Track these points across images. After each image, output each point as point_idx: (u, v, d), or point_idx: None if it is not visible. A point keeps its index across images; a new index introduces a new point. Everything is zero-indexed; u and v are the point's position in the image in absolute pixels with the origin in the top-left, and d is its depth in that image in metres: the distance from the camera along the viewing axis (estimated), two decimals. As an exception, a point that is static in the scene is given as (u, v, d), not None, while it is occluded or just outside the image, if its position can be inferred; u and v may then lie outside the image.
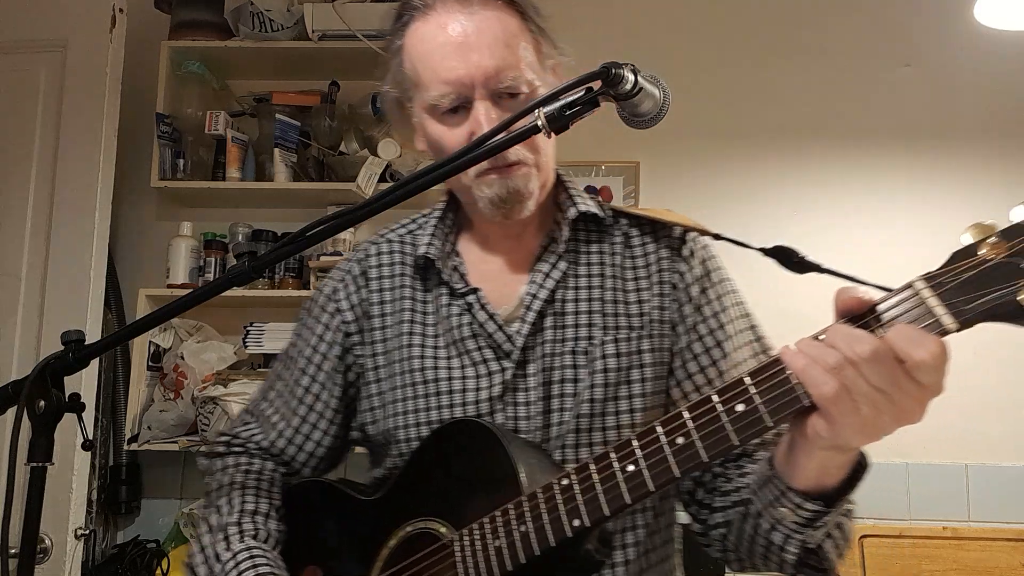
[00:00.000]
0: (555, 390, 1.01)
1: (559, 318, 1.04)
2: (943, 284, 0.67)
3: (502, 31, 0.99)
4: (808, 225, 2.58)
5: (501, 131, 0.83)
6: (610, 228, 1.10)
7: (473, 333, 1.04)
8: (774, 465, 0.83)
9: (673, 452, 0.78)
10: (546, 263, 1.06)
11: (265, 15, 2.51)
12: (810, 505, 0.80)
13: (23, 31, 2.25)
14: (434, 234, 1.09)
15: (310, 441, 1.12)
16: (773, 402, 0.73)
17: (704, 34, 2.71)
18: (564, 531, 0.83)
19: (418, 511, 0.97)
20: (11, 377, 0.93)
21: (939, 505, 2.39)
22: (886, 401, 0.68)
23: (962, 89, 2.61)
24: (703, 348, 1.04)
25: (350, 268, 1.14)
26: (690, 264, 1.07)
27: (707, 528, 1.01)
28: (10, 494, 0.87)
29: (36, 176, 2.19)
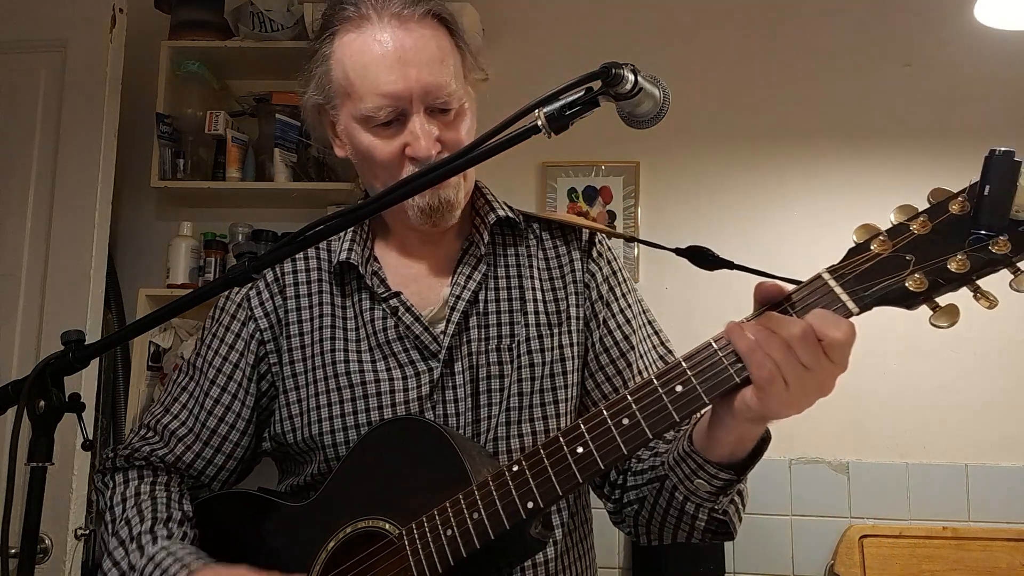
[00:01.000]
0: (483, 386, 1.05)
1: (482, 318, 1.08)
2: (844, 275, 0.78)
3: (437, 48, 1.02)
4: (808, 224, 2.58)
5: (501, 131, 0.83)
6: (524, 232, 1.15)
7: (399, 335, 1.06)
8: (693, 441, 0.91)
9: (619, 432, 0.83)
10: (467, 266, 1.10)
11: (265, 15, 2.51)
12: (724, 475, 0.90)
13: (23, 31, 2.25)
14: (353, 240, 1.10)
15: (220, 454, 1.10)
16: (708, 381, 0.81)
17: (704, 34, 2.71)
18: (519, 513, 0.86)
19: (359, 511, 0.96)
20: (11, 377, 0.93)
21: (939, 505, 2.39)
22: (810, 377, 0.77)
23: (962, 89, 2.60)
24: (613, 341, 1.11)
25: (261, 275, 1.09)
26: (599, 265, 1.14)
27: (620, 506, 1.07)
28: (10, 494, 0.86)
29: (36, 176, 2.19)
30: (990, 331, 2.40)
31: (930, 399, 2.42)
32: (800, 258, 2.44)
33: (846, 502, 2.40)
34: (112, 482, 1.09)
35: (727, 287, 2.20)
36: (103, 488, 1.10)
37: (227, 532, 1.06)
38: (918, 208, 0.78)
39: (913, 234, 0.76)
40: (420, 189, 0.86)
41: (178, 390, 1.13)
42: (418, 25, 1.01)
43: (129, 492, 1.06)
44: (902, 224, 0.77)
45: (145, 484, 1.07)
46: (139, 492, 1.06)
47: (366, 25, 1.01)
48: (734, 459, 0.89)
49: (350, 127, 1.04)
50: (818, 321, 0.76)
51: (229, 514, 1.07)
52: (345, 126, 1.05)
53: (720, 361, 0.80)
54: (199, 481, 1.11)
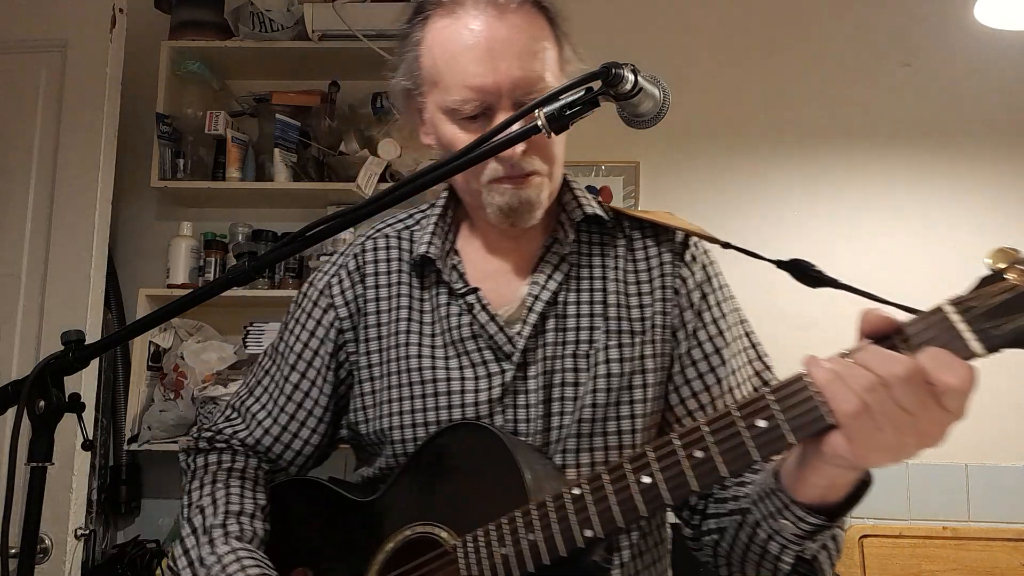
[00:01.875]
0: (555, 393, 1.00)
1: (561, 320, 1.03)
2: (971, 309, 0.67)
3: (532, 39, 0.96)
4: (808, 224, 2.58)
5: (500, 131, 0.83)
6: (613, 231, 1.08)
7: (473, 334, 1.03)
8: (779, 479, 0.82)
9: (692, 466, 0.76)
10: (549, 264, 1.05)
11: (265, 15, 2.51)
12: (812, 519, 0.80)
13: (23, 31, 2.25)
14: (434, 232, 1.07)
15: (298, 439, 1.10)
16: (796, 420, 0.72)
17: (704, 34, 2.71)
18: (575, 541, 0.81)
19: (418, 515, 0.95)
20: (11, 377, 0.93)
21: (939, 505, 2.39)
22: (911, 423, 0.68)
23: (962, 89, 2.60)
24: (702, 355, 1.03)
25: (345, 262, 1.11)
26: (692, 270, 1.06)
27: (699, 533, 1.01)
28: (10, 494, 0.86)
29: (36, 176, 2.19)
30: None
31: (930, 399, 2.42)
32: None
33: (846, 502, 2.40)
34: (194, 463, 1.11)
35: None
36: (185, 469, 1.12)
37: (294, 520, 1.07)
38: None
39: None
40: (411, 193, 0.84)
41: (261, 373, 1.14)
42: (514, 14, 0.95)
43: (208, 477, 1.08)
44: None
45: (223, 469, 1.08)
46: (216, 479, 1.07)
47: (459, 12, 0.96)
48: (825, 502, 0.80)
49: (436, 117, 1.00)
50: (931, 362, 0.66)
51: (298, 502, 1.08)
52: (431, 115, 1.02)
53: (811, 398, 0.71)
54: (277, 464, 1.11)
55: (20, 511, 0.85)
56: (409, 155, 2.46)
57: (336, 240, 2.46)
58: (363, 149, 2.49)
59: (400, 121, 2.49)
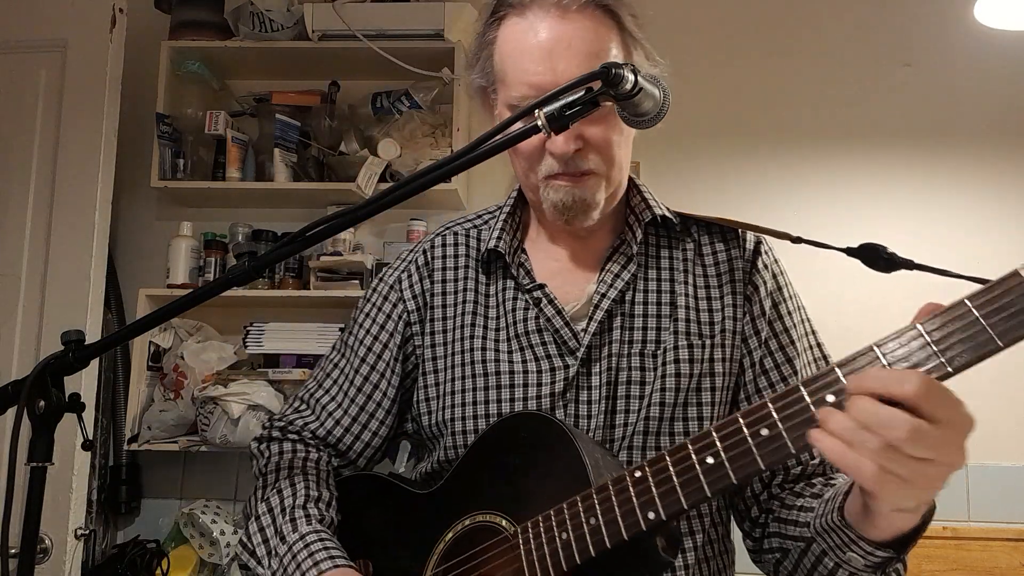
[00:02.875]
0: (621, 391, 1.00)
1: (627, 319, 1.03)
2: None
3: (593, 41, 0.98)
4: (807, 224, 2.57)
5: (501, 131, 0.83)
6: (681, 234, 1.10)
7: (539, 328, 1.04)
8: (845, 516, 0.81)
9: (756, 444, 0.73)
10: (616, 264, 1.06)
11: (265, 15, 2.51)
12: (882, 553, 0.79)
13: (23, 31, 2.25)
14: (503, 228, 1.09)
15: (367, 430, 1.12)
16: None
17: (704, 34, 2.71)
18: (639, 524, 0.79)
19: (477, 505, 0.95)
20: (11, 377, 0.93)
21: (939, 505, 2.37)
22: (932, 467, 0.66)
23: (962, 89, 2.60)
24: (773, 364, 1.04)
25: (414, 258, 1.14)
26: (764, 277, 1.07)
27: (761, 548, 1.01)
28: (10, 494, 0.87)
29: (36, 176, 2.19)
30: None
31: (930, 399, 2.41)
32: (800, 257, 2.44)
33: (846, 502, 2.40)
34: (268, 451, 1.12)
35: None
36: (258, 455, 1.13)
37: (358, 513, 1.08)
38: None
39: None
40: (411, 193, 0.84)
41: (331, 366, 1.16)
42: (578, 15, 0.97)
43: (284, 463, 1.09)
44: None
45: (298, 458, 1.10)
46: (292, 465, 1.08)
47: (527, 13, 0.99)
48: (894, 538, 0.78)
49: (503, 112, 1.03)
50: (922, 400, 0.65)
51: (361, 495, 1.09)
52: (499, 111, 1.04)
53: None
54: (347, 457, 1.13)
55: (20, 511, 0.85)
56: (409, 155, 2.46)
57: (336, 240, 2.47)
58: (363, 149, 2.49)
59: (400, 120, 2.49)
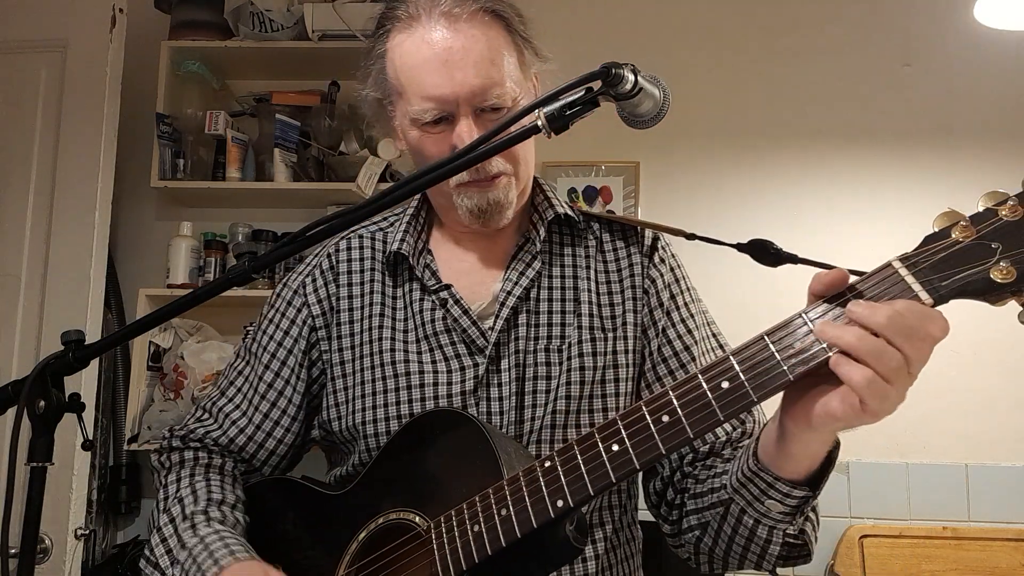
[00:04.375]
0: (528, 386, 1.03)
1: (533, 316, 1.06)
2: (918, 263, 0.70)
3: (487, 47, 0.99)
4: (807, 224, 2.57)
5: (501, 131, 0.83)
6: (584, 231, 1.12)
7: (447, 328, 1.05)
8: (760, 459, 0.84)
9: (658, 430, 0.77)
10: (521, 262, 1.08)
11: (265, 15, 2.51)
12: (798, 492, 0.83)
13: (23, 31, 2.25)
14: (407, 231, 1.10)
15: (272, 438, 1.10)
16: (759, 378, 0.74)
17: (704, 34, 2.71)
18: (548, 512, 0.81)
19: (391, 503, 0.95)
20: (11, 377, 0.93)
21: (939, 505, 2.39)
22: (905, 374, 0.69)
23: (962, 89, 2.60)
24: (672, 352, 1.07)
25: (318, 262, 1.13)
26: (661, 271, 1.10)
27: (679, 530, 1.02)
28: (10, 494, 0.87)
29: (36, 176, 2.19)
30: (991, 330, 2.40)
31: (930, 399, 2.41)
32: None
33: (846, 502, 2.40)
34: (168, 461, 1.11)
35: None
36: (159, 467, 1.12)
37: (269, 517, 1.07)
38: (1008, 193, 0.70)
39: (1001, 220, 0.68)
40: (411, 193, 0.86)
41: (234, 373, 1.15)
42: (468, 24, 0.98)
43: (184, 472, 1.08)
44: (989, 209, 0.69)
45: (200, 466, 1.08)
46: (194, 472, 1.07)
47: (416, 25, 0.99)
48: (808, 472, 0.82)
49: (403, 124, 1.05)
50: (907, 309, 0.68)
51: (272, 499, 1.08)
52: (400, 123, 1.06)
53: (772, 356, 0.73)
54: (251, 465, 1.12)
55: (20, 511, 0.85)
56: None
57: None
58: (363, 149, 2.49)
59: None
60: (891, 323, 0.68)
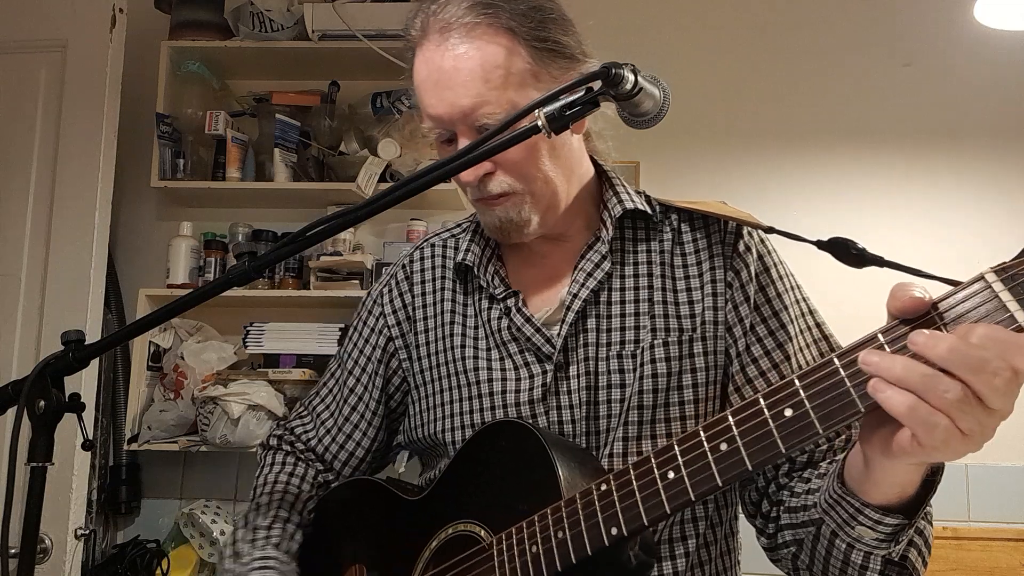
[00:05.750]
0: (601, 395, 0.98)
1: (603, 320, 1.01)
2: (1017, 277, 0.60)
3: (480, 64, 0.93)
4: (807, 224, 2.57)
5: (502, 131, 0.83)
6: (659, 225, 1.05)
7: (513, 336, 1.03)
8: (845, 482, 0.78)
9: (715, 459, 0.72)
10: (590, 262, 1.03)
11: (265, 15, 2.51)
12: (890, 520, 0.76)
13: (23, 31, 2.25)
14: (472, 239, 1.09)
15: (351, 441, 1.15)
16: (825, 407, 0.66)
17: (704, 34, 2.71)
18: (602, 539, 0.79)
19: (459, 513, 0.96)
20: (11, 377, 0.93)
21: (939, 505, 2.35)
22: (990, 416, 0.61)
23: (962, 89, 2.60)
24: (763, 351, 0.99)
25: (395, 272, 1.16)
26: (746, 260, 1.01)
27: (775, 545, 0.96)
28: (10, 494, 0.86)
29: (36, 176, 2.19)
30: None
31: (930, 399, 2.41)
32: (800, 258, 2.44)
33: (846, 502, 2.40)
34: (266, 459, 1.20)
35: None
36: (260, 462, 1.20)
37: (350, 516, 1.12)
38: None
39: None
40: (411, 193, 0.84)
41: (328, 376, 1.21)
42: (460, 39, 0.94)
43: (271, 477, 1.15)
44: None
45: (284, 473, 1.16)
46: (277, 480, 1.15)
47: (423, 44, 0.99)
48: (902, 499, 0.75)
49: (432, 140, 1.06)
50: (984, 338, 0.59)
51: (354, 499, 1.12)
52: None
53: (842, 382, 0.66)
54: (332, 467, 1.17)
55: (20, 511, 0.85)
56: (409, 155, 2.46)
57: (336, 240, 2.47)
58: (363, 149, 2.49)
59: (400, 120, 2.49)
60: (952, 355, 0.60)
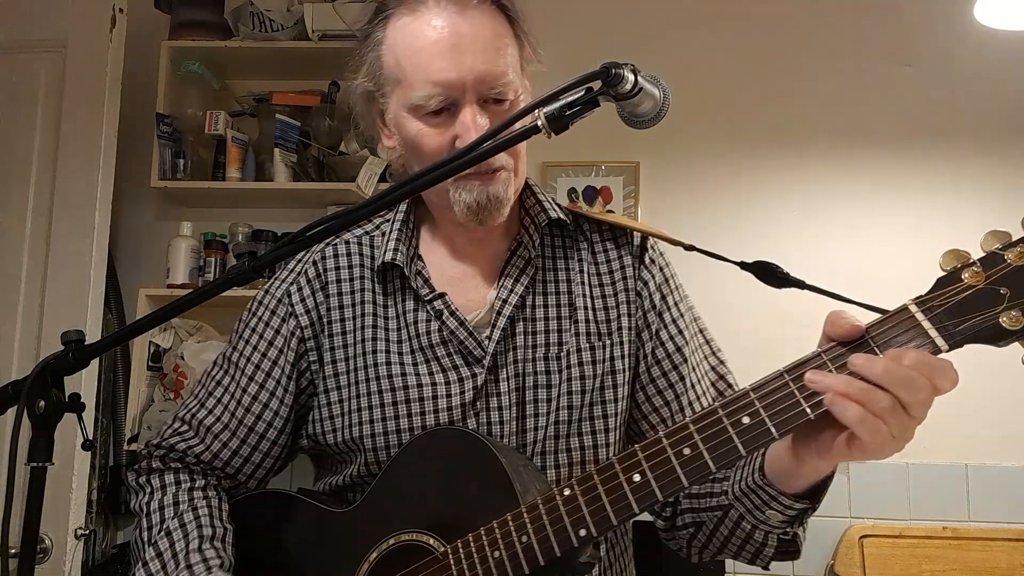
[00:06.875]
0: (528, 396, 1.01)
1: (529, 324, 1.03)
2: (933, 308, 0.73)
3: (493, 36, 0.97)
4: (807, 224, 2.57)
5: (501, 131, 0.83)
6: (574, 234, 1.10)
7: (443, 339, 1.02)
8: (766, 474, 0.87)
9: (680, 463, 0.80)
10: (515, 268, 1.05)
11: (265, 15, 2.51)
12: (799, 505, 0.87)
13: (23, 31, 2.25)
14: (398, 238, 1.06)
15: (258, 452, 1.06)
16: (779, 415, 0.77)
17: (704, 34, 2.71)
18: (570, 541, 0.83)
19: (402, 524, 0.94)
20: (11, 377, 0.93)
21: (939, 505, 2.39)
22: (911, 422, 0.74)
23: (962, 89, 2.60)
24: (665, 353, 1.06)
25: (304, 270, 1.09)
26: (652, 272, 1.08)
27: (672, 526, 1.04)
28: (10, 494, 0.86)
29: (36, 176, 2.19)
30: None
31: (930, 399, 2.41)
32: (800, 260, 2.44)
33: (846, 502, 2.40)
34: (149, 486, 1.05)
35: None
36: (137, 489, 1.07)
37: (265, 535, 1.03)
38: (1011, 234, 0.72)
39: (1009, 265, 0.71)
40: (412, 193, 0.85)
41: (213, 384, 1.09)
42: (476, 11, 0.96)
43: (168, 499, 1.02)
44: (995, 253, 0.72)
45: (182, 491, 1.03)
46: (178, 500, 1.02)
47: (421, 9, 0.96)
48: (808, 487, 0.86)
49: (399, 116, 1.00)
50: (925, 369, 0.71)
51: (268, 516, 1.04)
52: (394, 115, 1.01)
53: (792, 394, 0.76)
54: (235, 480, 1.08)
55: (20, 511, 0.85)
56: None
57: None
58: (363, 149, 2.49)
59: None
60: (887, 374, 0.71)
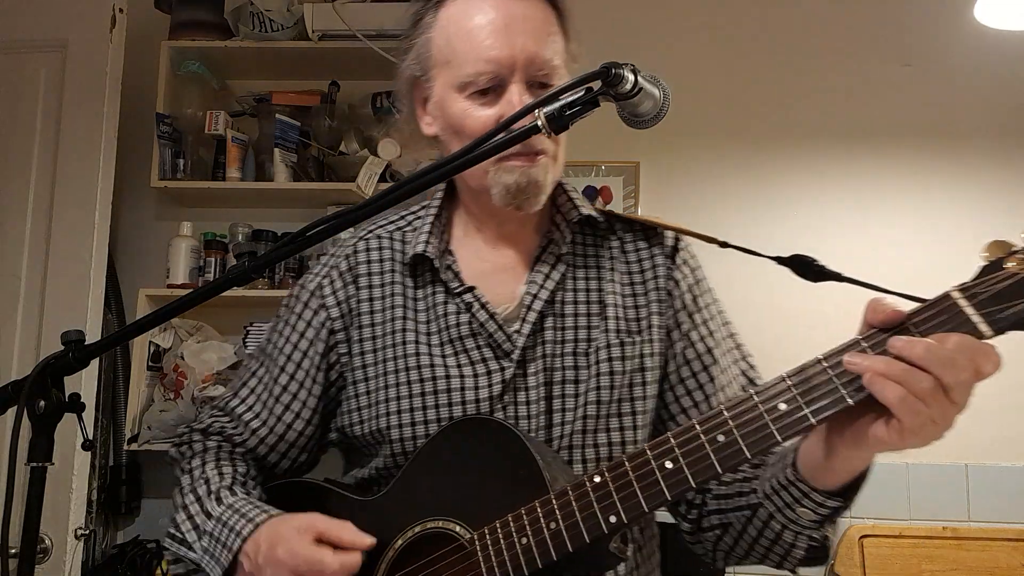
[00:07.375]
0: (556, 390, 1.01)
1: (559, 319, 1.04)
2: (977, 295, 0.72)
3: (543, 22, 1.01)
4: (807, 224, 2.57)
5: (501, 131, 0.83)
6: (606, 233, 1.11)
7: (472, 332, 1.03)
8: (798, 469, 0.85)
9: (714, 450, 0.79)
10: (546, 264, 1.06)
11: (265, 15, 2.51)
12: (832, 503, 0.85)
13: (23, 31, 2.25)
14: (431, 231, 1.08)
15: (284, 442, 1.09)
16: (817, 402, 0.75)
17: (704, 34, 2.71)
18: (600, 527, 0.83)
19: (428, 511, 0.94)
20: (11, 377, 0.93)
21: (939, 505, 2.39)
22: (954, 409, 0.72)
23: (962, 89, 2.60)
24: (695, 354, 1.06)
25: (336, 263, 1.11)
26: (683, 272, 1.09)
27: (698, 528, 1.03)
28: (10, 494, 0.87)
29: (36, 176, 2.19)
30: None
31: (930, 399, 2.41)
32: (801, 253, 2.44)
33: (846, 502, 2.40)
34: (190, 451, 1.10)
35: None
36: (178, 456, 1.11)
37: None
38: None
39: None
40: (411, 193, 0.84)
41: (248, 375, 1.13)
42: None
43: (209, 456, 1.08)
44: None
45: (224, 452, 1.09)
46: (219, 457, 1.08)
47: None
48: (841, 485, 0.85)
49: (445, 96, 1.02)
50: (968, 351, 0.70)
51: (294, 503, 1.04)
52: (440, 97, 1.03)
53: (831, 380, 0.75)
54: (263, 465, 1.11)
55: (20, 511, 0.85)
56: (409, 155, 2.46)
57: (336, 240, 2.46)
58: (363, 149, 2.49)
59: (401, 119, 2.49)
60: (928, 354, 0.70)
